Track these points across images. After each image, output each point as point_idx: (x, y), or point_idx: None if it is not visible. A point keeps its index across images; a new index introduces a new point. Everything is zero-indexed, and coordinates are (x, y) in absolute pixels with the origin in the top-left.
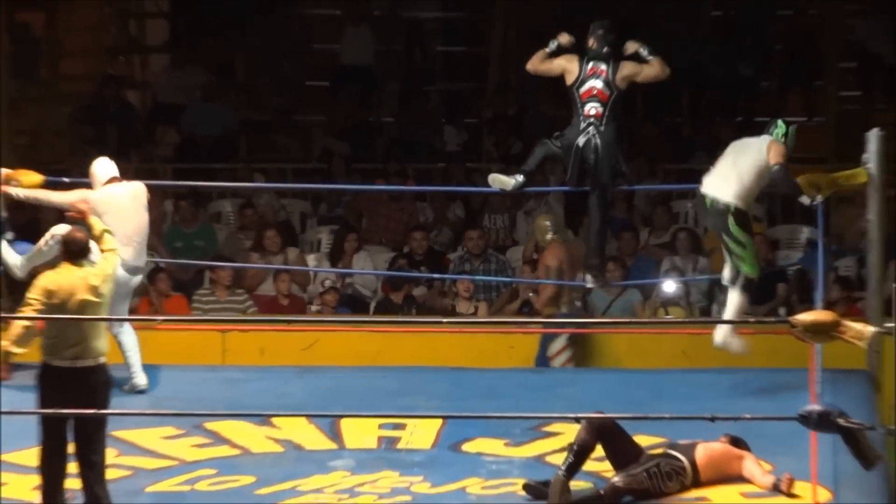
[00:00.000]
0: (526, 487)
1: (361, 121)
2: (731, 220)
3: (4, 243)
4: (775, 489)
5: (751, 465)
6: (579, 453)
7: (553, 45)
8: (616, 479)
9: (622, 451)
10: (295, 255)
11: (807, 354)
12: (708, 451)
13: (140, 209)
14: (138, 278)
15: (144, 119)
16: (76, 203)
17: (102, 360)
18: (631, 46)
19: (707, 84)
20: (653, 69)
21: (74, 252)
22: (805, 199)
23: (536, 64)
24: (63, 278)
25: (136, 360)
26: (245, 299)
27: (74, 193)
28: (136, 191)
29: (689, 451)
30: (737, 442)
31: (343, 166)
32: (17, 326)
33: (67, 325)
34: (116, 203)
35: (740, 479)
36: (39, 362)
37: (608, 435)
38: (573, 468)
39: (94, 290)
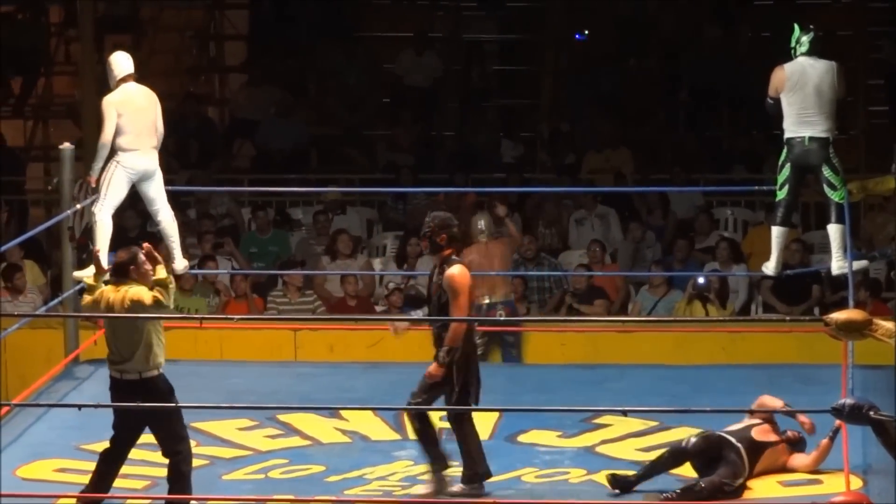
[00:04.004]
0: (612, 480)
1: (424, 135)
2: (831, 149)
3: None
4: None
5: (798, 459)
6: (654, 469)
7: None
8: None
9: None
10: (362, 259)
11: (839, 351)
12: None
13: (153, 110)
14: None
15: (223, 134)
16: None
17: (149, 374)
18: None
19: (745, 99)
20: None
21: (115, 271)
22: None
23: None
24: (107, 295)
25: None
26: (314, 300)
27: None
28: (150, 93)
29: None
30: (796, 443)
31: (410, 177)
32: None
33: (111, 341)
34: (132, 102)
35: (783, 469)
36: None
37: (697, 460)
38: (643, 477)
39: (128, 308)
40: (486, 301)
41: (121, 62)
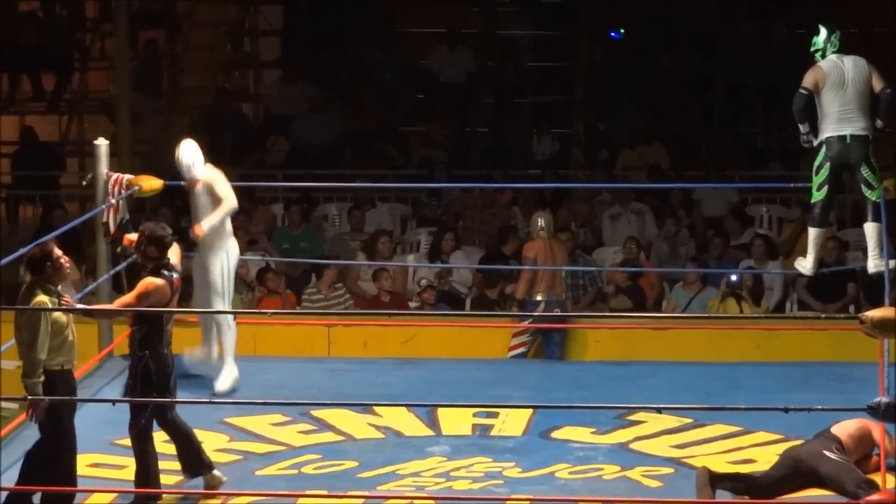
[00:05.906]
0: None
1: (458, 131)
2: (871, 148)
3: None
4: None
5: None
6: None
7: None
8: None
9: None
10: (396, 255)
11: (875, 349)
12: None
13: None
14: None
15: (257, 129)
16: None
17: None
18: None
19: (780, 96)
20: None
21: (29, 268)
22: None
23: None
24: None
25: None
26: (343, 293)
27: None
28: None
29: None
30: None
31: (444, 173)
32: None
33: None
34: (224, 181)
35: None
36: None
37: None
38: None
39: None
40: (542, 298)
41: (198, 152)
